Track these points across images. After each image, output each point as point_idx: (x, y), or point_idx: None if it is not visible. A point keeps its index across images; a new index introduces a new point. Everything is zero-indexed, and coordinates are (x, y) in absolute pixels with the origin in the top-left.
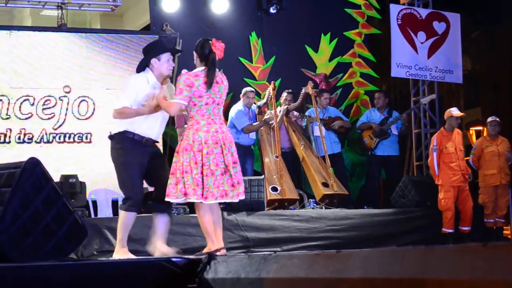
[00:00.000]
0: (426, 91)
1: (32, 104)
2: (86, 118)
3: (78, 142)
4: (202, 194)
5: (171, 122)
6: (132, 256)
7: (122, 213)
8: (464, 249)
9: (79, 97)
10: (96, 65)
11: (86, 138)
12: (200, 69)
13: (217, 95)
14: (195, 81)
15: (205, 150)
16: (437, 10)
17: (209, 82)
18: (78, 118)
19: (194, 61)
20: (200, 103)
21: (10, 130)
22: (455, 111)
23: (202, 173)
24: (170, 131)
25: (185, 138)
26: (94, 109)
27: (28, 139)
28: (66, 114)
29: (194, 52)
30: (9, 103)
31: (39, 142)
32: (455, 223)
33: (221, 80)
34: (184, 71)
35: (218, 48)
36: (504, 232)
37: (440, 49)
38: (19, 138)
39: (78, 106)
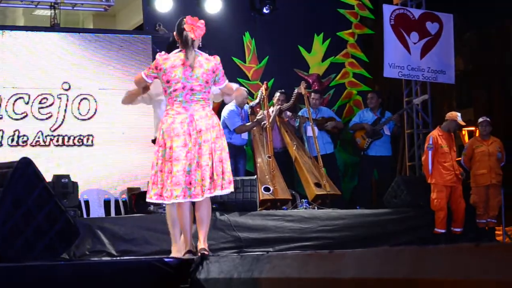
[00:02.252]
0: (418, 92)
1: (27, 103)
2: (88, 119)
3: (79, 145)
4: (161, 194)
5: None
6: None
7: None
8: (456, 249)
9: (80, 94)
10: (90, 65)
11: (88, 140)
12: (175, 51)
13: (191, 80)
14: (163, 65)
15: (168, 143)
16: (430, 10)
17: (185, 65)
18: (78, 119)
19: None
20: (169, 89)
21: (2, 131)
22: (460, 118)
23: (162, 170)
24: None
25: (158, 129)
26: (96, 109)
27: (23, 141)
28: (65, 114)
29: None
30: (0, 102)
31: (35, 146)
32: (447, 224)
33: (200, 64)
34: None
35: (190, 25)
36: (496, 232)
37: (433, 49)
38: (12, 140)
39: (79, 105)
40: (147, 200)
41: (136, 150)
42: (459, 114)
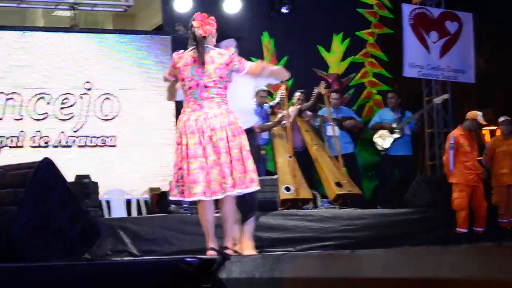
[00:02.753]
0: (438, 91)
1: (48, 103)
2: (110, 119)
3: (101, 146)
4: (182, 192)
5: None
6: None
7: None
8: (478, 249)
9: (102, 94)
10: (109, 65)
11: (110, 140)
12: (189, 49)
13: (204, 77)
14: (178, 63)
15: (184, 141)
16: (450, 9)
17: (196, 62)
18: (100, 119)
19: None
20: (185, 87)
21: (24, 132)
22: (481, 117)
23: (182, 168)
24: None
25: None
26: (118, 109)
27: (44, 142)
28: (87, 115)
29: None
30: (22, 102)
31: (57, 146)
32: (469, 223)
33: (212, 60)
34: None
35: (199, 22)
36: None
37: (453, 48)
38: (33, 141)
39: (101, 104)
40: (170, 197)
41: (157, 150)
42: (479, 113)
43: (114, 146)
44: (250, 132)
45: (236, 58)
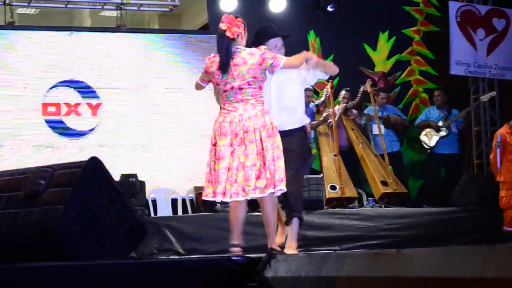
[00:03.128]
0: (486, 89)
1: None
2: (156, 118)
3: (148, 145)
4: (214, 192)
5: None
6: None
7: None
8: None
9: (149, 93)
10: (155, 65)
11: (155, 139)
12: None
13: (238, 79)
14: (210, 68)
15: (216, 142)
16: (497, 6)
17: (220, 68)
18: (147, 118)
19: None
20: (220, 91)
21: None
22: None
23: (213, 168)
24: None
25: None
26: (163, 108)
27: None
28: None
29: None
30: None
31: (102, 145)
32: None
33: (243, 61)
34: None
35: (226, 24)
36: None
37: (500, 46)
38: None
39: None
40: (203, 198)
41: (202, 149)
42: None
43: (159, 145)
44: (301, 131)
45: (268, 55)
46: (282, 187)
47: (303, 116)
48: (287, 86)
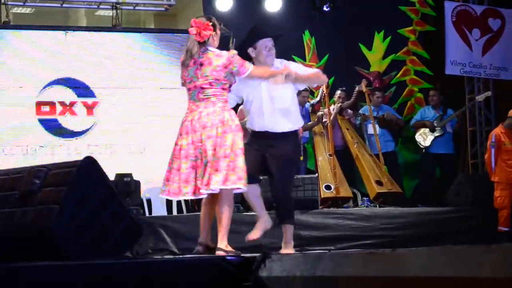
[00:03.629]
0: (481, 89)
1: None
2: (151, 118)
3: (142, 144)
4: (169, 190)
5: None
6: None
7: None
8: None
9: (145, 93)
10: (151, 64)
11: (152, 139)
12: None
13: (201, 79)
14: (181, 66)
15: (179, 141)
16: (492, 6)
17: (182, 65)
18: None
19: None
20: (186, 89)
21: None
22: None
23: (173, 167)
24: None
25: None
26: (160, 108)
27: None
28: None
29: None
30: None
31: (97, 145)
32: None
33: (209, 62)
34: None
35: (194, 27)
36: None
37: (495, 46)
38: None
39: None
40: (160, 195)
41: None
42: None
43: (154, 145)
44: (293, 136)
45: (236, 60)
46: (238, 186)
47: (296, 118)
48: (278, 88)
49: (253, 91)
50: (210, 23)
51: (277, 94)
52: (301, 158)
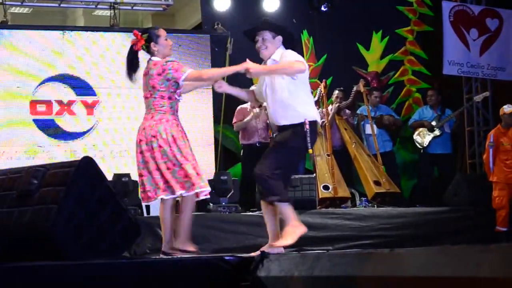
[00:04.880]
0: (479, 89)
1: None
2: None
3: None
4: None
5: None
6: None
7: None
8: None
9: (140, 94)
10: None
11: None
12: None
13: (144, 89)
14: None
15: (137, 149)
16: (490, 6)
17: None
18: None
19: None
20: None
21: None
22: (506, 108)
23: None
24: (221, 128)
25: None
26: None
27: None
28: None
29: None
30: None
31: (95, 145)
32: (509, 222)
33: (147, 71)
34: None
35: (133, 40)
36: None
37: (493, 46)
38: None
39: (139, 104)
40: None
41: (195, 150)
42: (504, 106)
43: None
44: (297, 127)
45: (170, 67)
46: (192, 191)
47: (298, 114)
48: (276, 81)
49: (261, 86)
50: (145, 35)
51: (277, 86)
52: (310, 151)
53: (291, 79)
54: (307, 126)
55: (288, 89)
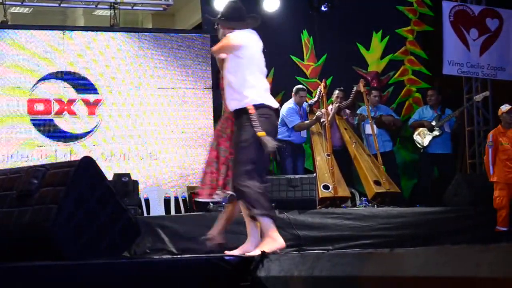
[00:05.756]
0: (479, 88)
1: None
2: (149, 117)
3: (140, 144)
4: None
5: None
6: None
7: None
8: None
9: (143, 93)
10: (148, 64)
11: (149, 139)
12: None
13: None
14: None
15: None
16: (490, 6)
17: None
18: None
19: None
20: None
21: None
22: (503, 108)
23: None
24: None
25: None
26: (157, 107)
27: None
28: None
29: None
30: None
31: (95, 144)
32: (509, 222)
33: None
34: None
35: None
36: None
37: (493, 46)
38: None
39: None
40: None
41: (195, 149)
42: (502, 106)
43: (152, 144)
44: (242, 117)
45: None
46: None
47: (242, 97)
48: (225, 64)
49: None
50: None
51: (225, 69)
52: (263, 133)
53: (236, 60)
54: (251, 111)
55: (234, 71)
